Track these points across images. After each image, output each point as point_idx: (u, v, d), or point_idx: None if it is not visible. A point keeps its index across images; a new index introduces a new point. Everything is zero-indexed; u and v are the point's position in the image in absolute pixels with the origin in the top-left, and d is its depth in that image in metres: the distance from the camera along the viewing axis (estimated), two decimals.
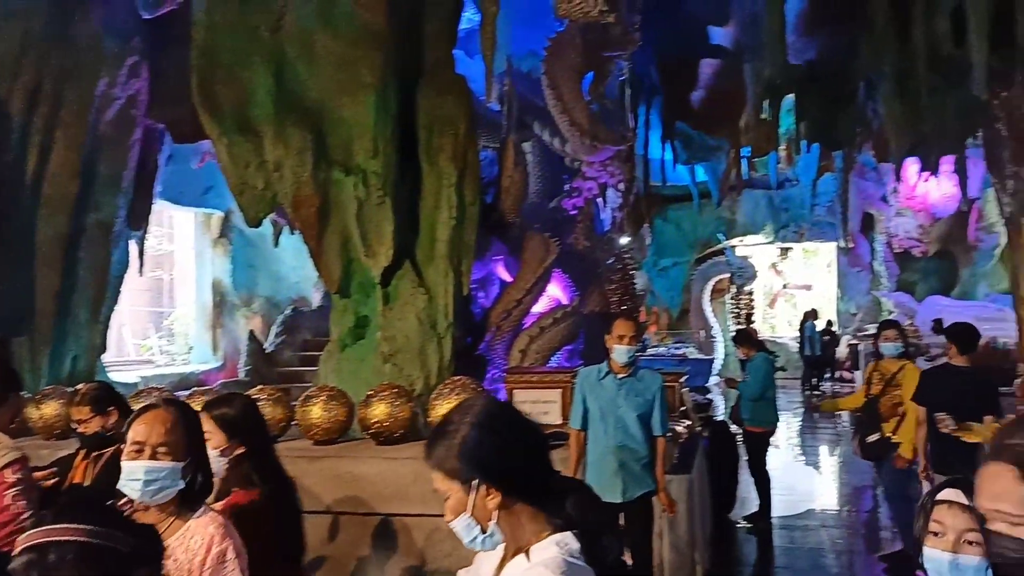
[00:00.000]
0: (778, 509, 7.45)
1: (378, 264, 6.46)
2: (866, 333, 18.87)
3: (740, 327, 13.50)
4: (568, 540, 1.49)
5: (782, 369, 20.30)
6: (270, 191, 6.21)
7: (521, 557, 1.48)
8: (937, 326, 13.18)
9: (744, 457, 7.25)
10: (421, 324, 6.59)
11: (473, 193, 6.76)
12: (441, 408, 5.35)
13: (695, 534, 5.16)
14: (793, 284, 23.00)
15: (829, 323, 19.73)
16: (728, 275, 21.17)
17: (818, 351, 17.81)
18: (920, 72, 11.41)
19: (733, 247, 21.66)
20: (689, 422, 6.21)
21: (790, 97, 13.03)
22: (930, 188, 20.42)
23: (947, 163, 17.87)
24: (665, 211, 21.73)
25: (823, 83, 12.09)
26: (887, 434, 5.57)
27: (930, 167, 16.47)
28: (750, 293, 21.36)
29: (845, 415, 12.61)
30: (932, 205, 21.01)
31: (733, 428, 7.53)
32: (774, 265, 22.79)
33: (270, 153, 6.08)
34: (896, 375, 5.60)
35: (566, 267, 8.68)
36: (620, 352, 4.29)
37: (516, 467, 1.53)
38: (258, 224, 6.47)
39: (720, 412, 10.66)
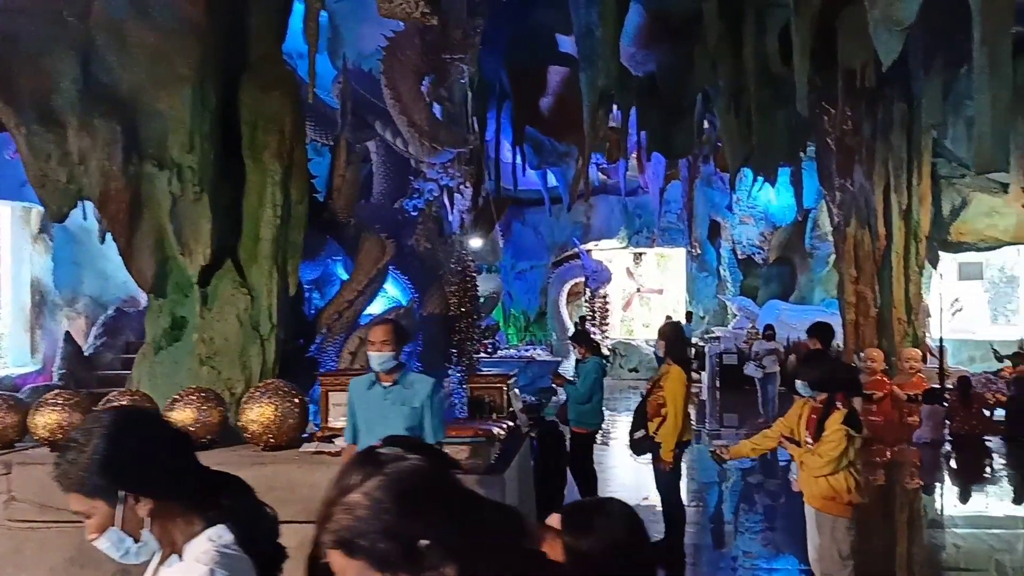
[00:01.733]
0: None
1: (195, 263, 6.29)
2: (712, 335, 19.96)
3: (578, 328, 13.94)
4: (221, 532, 1.52)
5: (635, 370, 21.28)
6: (75, 185, 5.93)
7: (174, 557, 1.52)
8: (769, 332, 14.05)
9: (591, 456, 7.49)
10: (242, 326, 6.46)
11: (300, 191, 6.70)
12: (252, 412, 5.29)
13: None
14: (647, 288, 23.94)
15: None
16: (583, 278, 21.87)
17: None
18: (751, 88, 12.23)
19: (589, 251, 22.37)
20: (511, 423, 6.39)
21: None
22: (770, 198, 21.78)
23: (785, 174, 19.16)
24: (522, 215, 22.19)
25: (662, 95, 12.72)
26: (651, 432, 5.90)
27: (768, 178, 17.63)
28: (605, 296, 22.09)
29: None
30: (772, 214, 22.43)
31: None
32: (629, 269, 23.65)
33: (74, 145, 5.81)
34: (662, 378, 5.94)
35: (405, 268, 8.73)
36: (374, 359, 4.07)
37: (160, 470, 1.52)
38: (62, 219, 6.18)
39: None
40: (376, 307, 8.42)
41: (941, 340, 15.39)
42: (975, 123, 14.73)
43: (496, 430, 5.70)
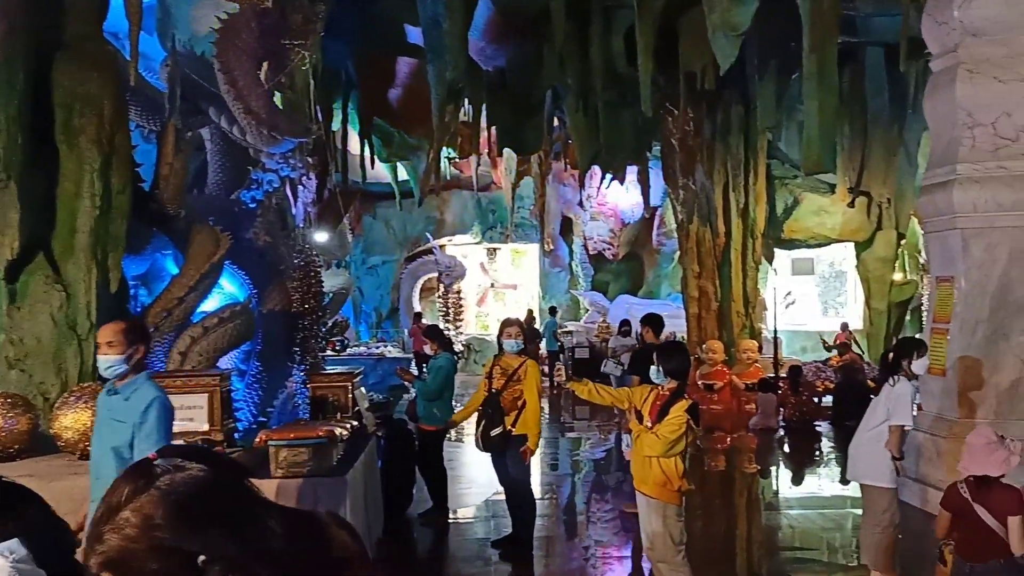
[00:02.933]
0: (468, 500, 7.86)
1: (1, 257, 5.79)
2: (565, 330, 20.43)
3: (431, 323, 13.92)
4: (14, 547, 1.43)
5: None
6: None
7: None
8: (626, 328, 14.43)
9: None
10: (57, 325, 6.02)
11: (122, 180, 6.31)
12: (67, 418, 4.94)
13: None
14: (501, 283, 24.20)
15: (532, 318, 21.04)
16: (437, 274, 21.84)
17: (555, 345, 18.79)
18: (598, 87, 12.62)
19: (442, 246, 22.36)
20: (356, 423, 6.28)
21: None
22: (619, 195, 22.54)
23: (633, 173, 19.86)
24: (373, 208, 21.89)
25: (512, 91, 12.87)
26: (508, 427, 5.94)
27: (616, 176, 18.22)
28: (459, 291, 22.16)
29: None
30: (621, 211, 23.23)
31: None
32: (483, 264, 23.84)
33: None
34: (518, 370, 6.02)
35: (242, 263, 8.38)
36: (100, 363, 3.61)
37: None
38: None
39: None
40: (210, 304, 8.04)
41: (776, 332, 16.44)
42: (805, 127, 15.88)
43: (339, 430, 5.58)
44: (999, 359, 7.10)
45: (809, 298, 23.33)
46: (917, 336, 6.82)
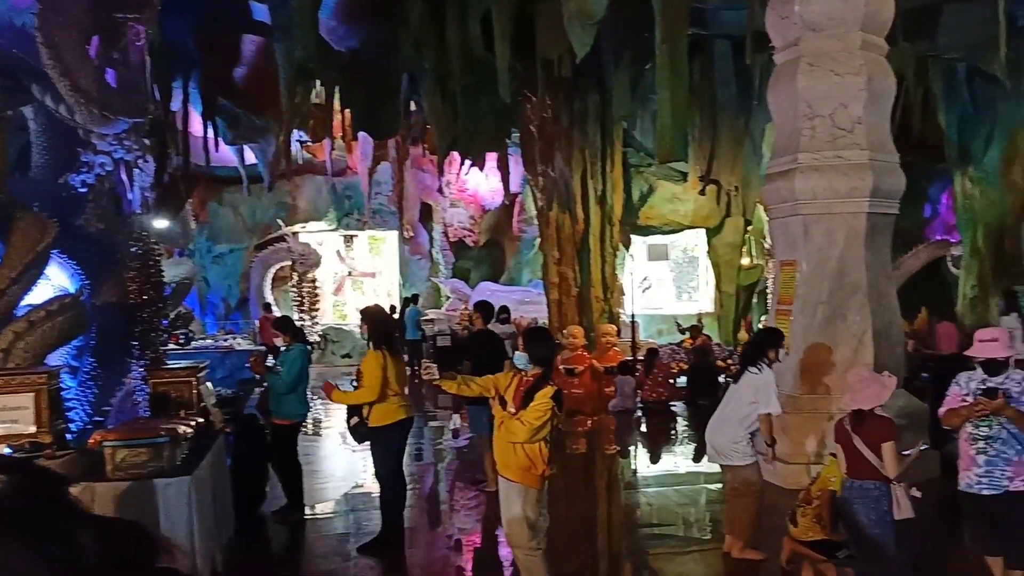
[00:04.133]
0: (325, 495, 7.70)
1: None
2: (427, 318, 20.33)
3: (281, 314, 13.50)
4: None
5: (348, 356, 21.11)
6: None
7: None
8: (504, 316, 14.45)
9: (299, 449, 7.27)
10: None
11: None
12: None
13: (195, 535, 4.97)
14: (359, 271, 23.80)
15: (393, 308, 20.80)
16: (290, 262, 21.21)
17: (417, 335, 18.56)
18: (456, 72, 12.57)
19: (295, 233, 21.74)
20: (202, 419, 6.00)
21: None
22: (479, 182, 22.64)
23: (493, 159, 19.97)
24: (219, 194, 20.97)
25: (367, 73, 12.61)
26: (364, 417, 6.01)
27: (476, 162, 18.26)
28: (314, 280, 21.62)
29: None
30: (482, 198, 23.34)
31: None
32: (339, 252, 23.35)
33: None
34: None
35: (72, 252, 7.80)
36: None
37: None
38: None
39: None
40: (37, 296, 7.44)
41: (633, 316, 17.03)
42: (658, 116, 16.46)
43: (182, 428, 5.32)
44: (837, 337, 7.63)
45: (664, 283, 24.31)
46: (774, 327, 7.20)
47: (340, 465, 9.24)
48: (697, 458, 9.69)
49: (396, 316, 19.03)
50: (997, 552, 4.64)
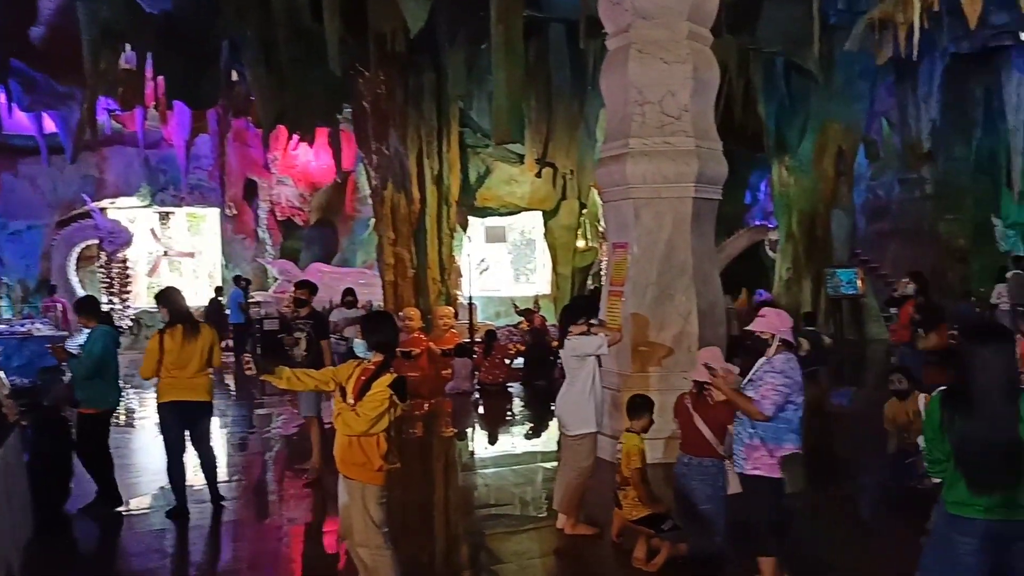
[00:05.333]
0: (139, 489, 7.34)
1: None
2: (253, 301, 19.66)
3: (83, 294, 12.64)
4: None
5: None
6: None
7: None
8: (350, 299, 14.10)
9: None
10: None
11: None
12: None
13: None
14: (176, 251, 22.67)
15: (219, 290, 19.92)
16: (97, 240, 19.89)
17: (242, 319, 17.77)
18: (282, 42, 12.17)
19: (103, 209, 20.38)
20: None
21: None
22: (310, 158, 22.09)
23: (324, 135, 19.55)
24: (14, 165, 19.32)
25: (183, 38, 11.99)
26: None
27: (304, 137, 17.81)
28: (124, 260, 20.38)
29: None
30: (312, 175, 22.79)
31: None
32: (154, 230, 22.12)
33: None
34: None
35: None
36: None
37: None
38: None
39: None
40: None
41: (471, 298, 17.25)
42: (494, 97, 16.71)
43: None
44: (665, 318, 8.10)
45: (502, 265, 24.75)
46: (587, 296, 7.58)
47: (155, 458, 8.82)
48: (531, 436, 10.01)
49: (222, 299, 18.31)
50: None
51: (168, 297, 6.75)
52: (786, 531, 4.83)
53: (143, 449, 9.30)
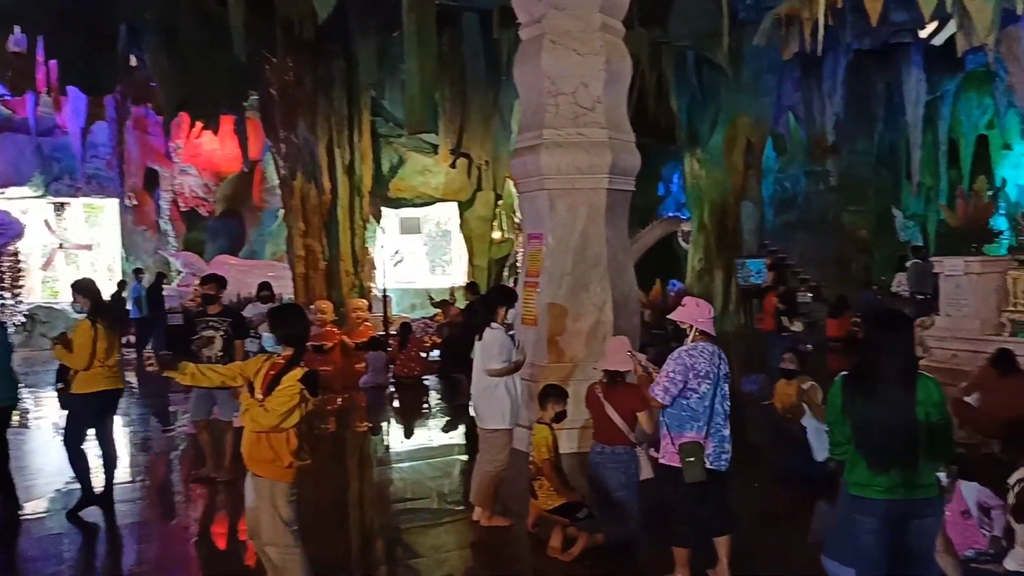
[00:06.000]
0: (37, 491, 7.09)
1: None
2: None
3: None
4: None
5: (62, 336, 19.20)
6: None
7: None
8: (266, 293, 13.68)
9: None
10: None
11: None
12: None
13: None
14: (73, 243, 21.77)
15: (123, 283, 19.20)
16: None
17: (147, 312, 17.12)
18: (184, 26, 11.81)
19: None
20: None
21: None
22: (215, 147, 21.49)
23: (230, 123, 19.06)
24: None
25: (77, 20, 11.51)
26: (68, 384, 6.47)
27: (209, 125, 17.34)
28: (16, 253, 19.50)
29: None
30: (217, 164, 22.18)
31: None
32: (48, 222, 21.19)
33: None
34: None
35: None
36: None
37: None
38: None
39: None
40: None
41: (385, 290, 17.14)
42: (406, 86, 16.61)
43: None
44: (580, 308, 8.23)
45: (417, 256, 24.65)
46: (507, 285, 7.65)
47: (52, 459, 8.51)
48: (448, 429, 10.03)
49: (125, 294, 17.69)
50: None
51: (88, 287, 6.74)
52: (706, 521, 4.79)
53: (38, 451, 8.97)
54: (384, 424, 10.70)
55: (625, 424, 5.35)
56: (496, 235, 21.15)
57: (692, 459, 4.53)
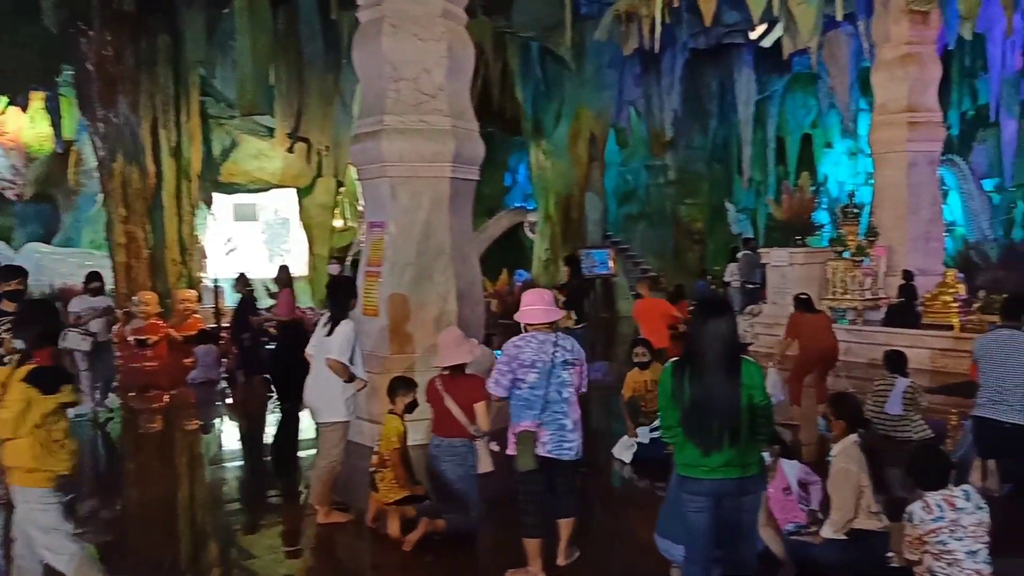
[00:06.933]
0: None
1: None
2: None
3: None
4: None
5: None
6: None
7: None
8: (96, 284, 12.65)
9: None
10: None
11: None
12: None
13: None
14: None
15: None
16: None
17: None
18: None
19: None
20: None
21: None
22: (23, 124, 20.02)
23: (41, 99, 17.81)
24: None
25: None
26: None
27: (17, 101, 16.16)
28: None
29: None
30: (26, 144, 20.66)
31: None
32: None
33: None
34: None
35: None
36: None
37: None
38: None
39: None
40: None
41: (216, 280, 16.52)
42: (238, 65, 16.05)
43: None
44: (424, 298, 8.24)
45: (254, 245, 23.88)
46: (345, 277, 7.55)
47: None
48: (287, 427, 9.79)
49: None
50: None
51: None
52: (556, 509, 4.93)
53: None
54: (216, 421, 10.33)
55: (465, 417, 5.42)
56: (338, 223, 20.81)
57: (522, 447, 4.64)
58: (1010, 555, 4.41)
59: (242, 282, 12.54)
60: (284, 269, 13.03)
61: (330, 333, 5.86)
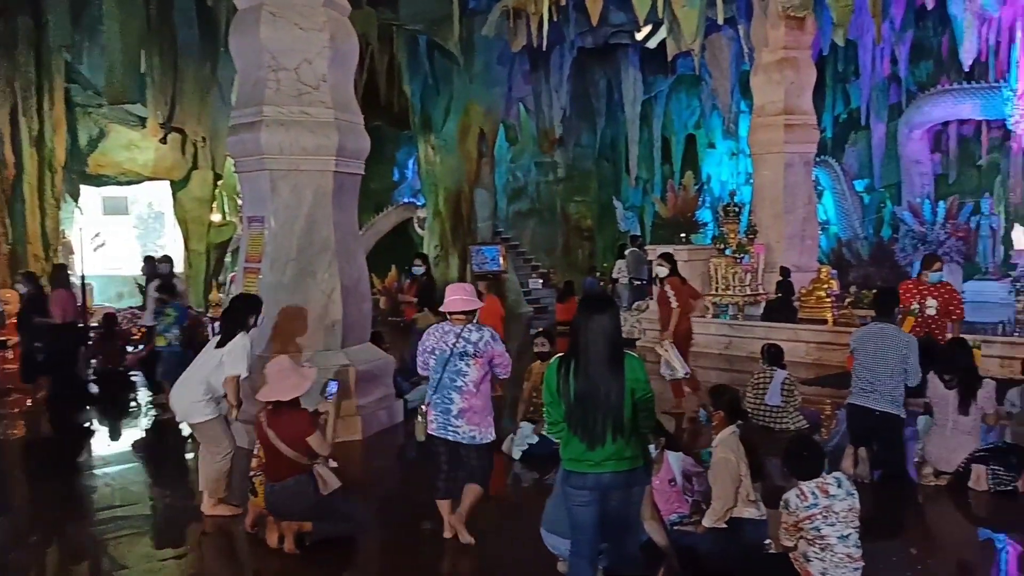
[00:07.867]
0: None
1: None
2: None
3: None
4: None
5: None
6: None
7: None
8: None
9: None
10: None
11: None
12: None
13: None
14: None
15: None
16: None
17: None
18: None
19: None
20: None
21: None
22: None
23: None
24: None
25: None
26: None
27: None
28: None
29: None
30: None
31: None
32: None
33: None
34: None
35: None
36: None
37: None
38: None
39: None
40: None
41: (84, 277, 15.77)
42: (107, 51, 15.37)
43: None
44: (308, 295, 8.10)
45: (125, 240, 22.95)
46: (252, 293, 7.32)
47: None
48: (163, 429, 9.44)
49: None
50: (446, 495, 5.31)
51: None
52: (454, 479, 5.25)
53: None
54: (85, 424, 9.87)
55: (294, 452, 5.18)
56: (216, 218, 20.19)
57: (419, 420, 5.21)
58: (878, 538, 4.66)
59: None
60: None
61: (220, 345, 5.74)
